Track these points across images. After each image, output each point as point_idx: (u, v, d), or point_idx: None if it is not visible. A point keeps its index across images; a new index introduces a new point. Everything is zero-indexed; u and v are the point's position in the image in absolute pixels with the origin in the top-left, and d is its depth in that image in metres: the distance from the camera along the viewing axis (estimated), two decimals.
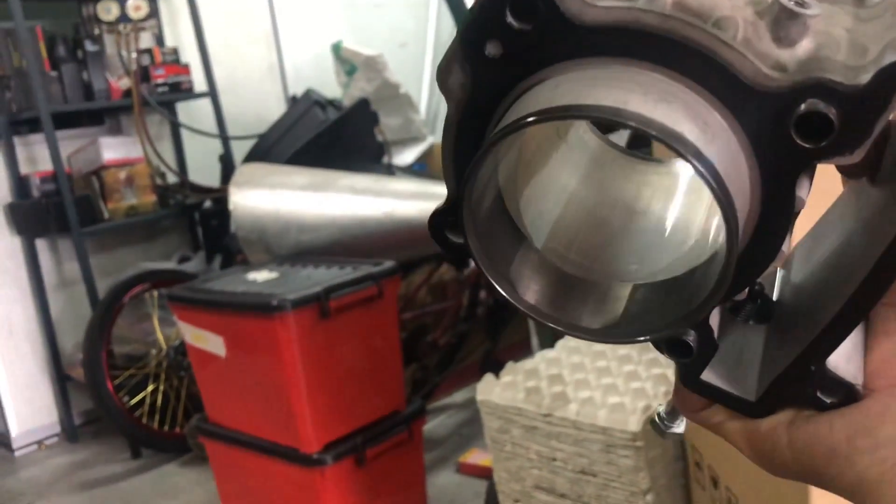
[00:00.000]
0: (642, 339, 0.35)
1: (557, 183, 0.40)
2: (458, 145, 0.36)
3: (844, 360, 0.36)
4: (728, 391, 0.38)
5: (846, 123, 0.30)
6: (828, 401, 0.36)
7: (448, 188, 0.37)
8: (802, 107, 0.30)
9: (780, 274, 0.42)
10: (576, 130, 0.41)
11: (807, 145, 0.31)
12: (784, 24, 0.30)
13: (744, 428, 0.39)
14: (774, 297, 0.40)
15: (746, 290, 0.36)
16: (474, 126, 0.35)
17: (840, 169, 0.39)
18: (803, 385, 0.36)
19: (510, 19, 0.32)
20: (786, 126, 0.31)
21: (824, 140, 0.30)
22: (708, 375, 0.38)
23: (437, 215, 0.37)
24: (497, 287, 0.36)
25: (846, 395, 0.35)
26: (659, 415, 0.45)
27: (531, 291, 0.37)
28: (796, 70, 0.30)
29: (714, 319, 0.37)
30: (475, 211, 0.35)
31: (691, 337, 0.36)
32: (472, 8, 0.33)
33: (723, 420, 0.40)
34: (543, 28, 0.32)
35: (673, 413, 0.45)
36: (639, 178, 0.42)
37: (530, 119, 0.31)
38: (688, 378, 0.39)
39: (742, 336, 0.40)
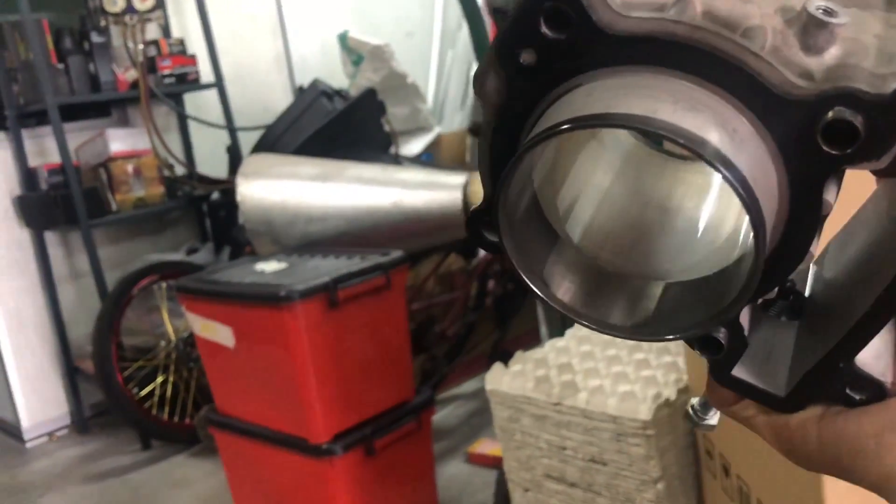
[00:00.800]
0: (673, 337, 0.36)
1: (591, 182, 0.41)
2: (494, 148, 0.37)
3: (873, 357, 0.36)
4: (758, 387, 0.39)
5: (872, 131, 0.30)
6: (857, 397, 0.36)
7: (484, 189, 0.38)
8: (829, 115, 0.31)
9: (812, 270, 0.42)
10: (610, 130, 0.42)
11: (833, 152, 0.31)
12: (812, 32, 0.31)
13: (774, 422, 0.39)
14: (806, 293, 0.41)
15: (776, 289, 0.37)
16: (509, 130, 0.36)
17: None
18: (832, 382, 0.36)
19: (544, 29, 0.33)
20: (813, 133, 0.31)
21: (850, 147, 0.31)
22: (739, 371, 0.39)
23: (474, 215, 0.39)
24: (531, 285, 0.36)
25: (875, 392, 0.36)
26: (693, 407, 0.46)
27: (564, 289, 0.38)
28: (823, 78, 0.31)
29: (744, 317, 0.37)
30: (510, 212, 0.36)
31: (721, 334, 0.37)
32: (507, 17, 0.34)
33: (753, 414, 0.40)
34: (576, 37, 0.33)
35: (706, 406, 0.45)
36: (671, 175, 0.42)
37: (563, 127, 0.32)
38: (719, 374, 0.39)
39: (773, 332, 0.40)
